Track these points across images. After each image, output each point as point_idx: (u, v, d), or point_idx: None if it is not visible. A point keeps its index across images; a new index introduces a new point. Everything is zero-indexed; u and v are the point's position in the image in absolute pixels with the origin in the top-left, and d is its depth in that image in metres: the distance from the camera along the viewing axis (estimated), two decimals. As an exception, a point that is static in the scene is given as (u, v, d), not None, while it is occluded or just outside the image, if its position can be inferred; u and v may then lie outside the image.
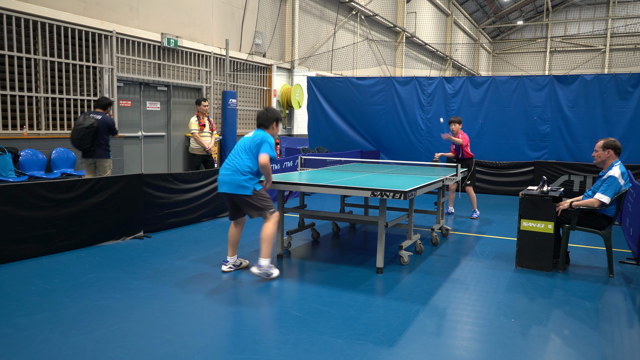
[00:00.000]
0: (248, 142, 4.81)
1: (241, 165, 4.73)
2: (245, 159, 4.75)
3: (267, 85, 14.74)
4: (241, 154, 4.79)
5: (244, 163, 4.74)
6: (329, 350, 3.29)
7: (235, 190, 4.73)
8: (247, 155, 4.77)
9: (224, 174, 4.80)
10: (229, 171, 4.77)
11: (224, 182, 4.81)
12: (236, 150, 4.87)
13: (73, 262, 5.16)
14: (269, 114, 4.90)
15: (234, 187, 4.73)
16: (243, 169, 4.72)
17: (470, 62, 34.70)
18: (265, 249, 4.74)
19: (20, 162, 7.86)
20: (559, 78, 10.65)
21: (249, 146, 4.78)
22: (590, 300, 4.38)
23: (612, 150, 5.13)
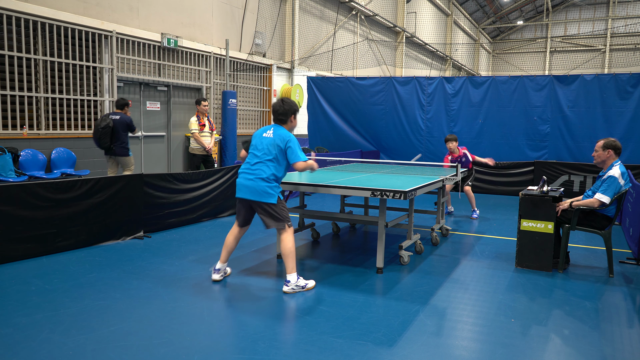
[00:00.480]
0: (269, 145, 4.41)
1: (266, 173, 4.38)
2: (270, 166, 4.39)
3: (267, 85, 14.74)
4: (265, 160, 4.40)
5: (269, 171, 4.38)
6: (329, 350, 3.29)
7: (260, 198, 4.38)
8: (272, 162, 4.40)
9: (247, 179, 4.42)
10: (252, 176, 4.40)
11: (246, 187, 4.43)
12: (258, 155, 4.46)
13: (73, 262, 5.16)
14: (285, 107, 4.49)
15: (257, 193, 4.38)
16: (268, 176, 4.38)
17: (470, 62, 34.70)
18: (290, 264, 4.42)
19: (20, 162, 7.86)
20: (559, 78, 10.65)
21: (271, 150, 4.40)
22: (590, 300, 4.38)
23: (612, 150, 5.13)
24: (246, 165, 4.51)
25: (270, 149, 4.41)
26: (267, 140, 4.45)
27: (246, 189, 4.43)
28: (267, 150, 4.41)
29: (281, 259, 5.47)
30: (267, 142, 4.44)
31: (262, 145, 4.46)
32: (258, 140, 4.52)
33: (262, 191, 4.37)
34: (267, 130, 4.51)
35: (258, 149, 4.48)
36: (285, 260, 4.45)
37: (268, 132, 4.49)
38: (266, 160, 4.40)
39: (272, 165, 4.40)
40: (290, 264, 4.42)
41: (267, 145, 4.43)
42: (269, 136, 4.46)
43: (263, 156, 4.42)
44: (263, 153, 4.43)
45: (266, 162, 4.40)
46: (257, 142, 4.52)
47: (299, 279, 4.45)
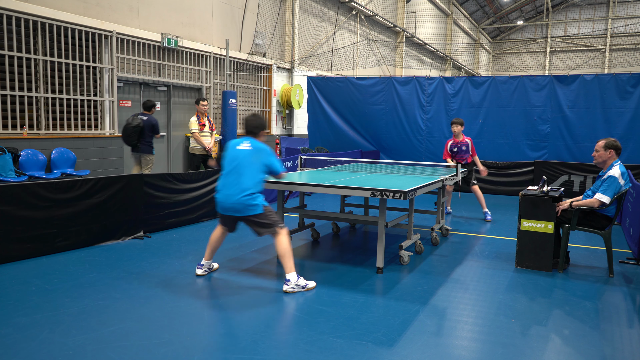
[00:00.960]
0: (249, 157, 4.43)
1: (249, 185, 4.37)
2: (251, 178, 4.39)
3: (267, 85, 14.75)
4: (246, 172, 4.39)
5: (251, 183, 4.39)
6: (329, 350, 3.29)
7: (245, 212, 4.41)
8: (251, 172, 4.41)
9: (229, 196, 4.39)
10: (235, 193, 4.37)
11: (230, 207, 4.42)
12: (235, 167, 4.43)
13: (73, 262, 5.16)
14: (258, 121, 4.60)
15: (242, 209, 4.39)
16: (249, 187, 4.37)
17: (470, 62, 34.71)
18: (288, 264, 4.42)
19: (20, 162, 7.86)
20: (559, 78, 10.66)
21: (252, 163, 4.41)
22: (590, 300, 4.38)
23: (613, 150, 5.13)
24: (225, 181, 4.47)
25: (250, 159, 4.43)
26: (245, 152, 4.46)
27: (230, 209, 4.44)
28: (247, 161, 4.42)
29: (281, 259, 5.46)
30: (245, 153, 4.45)
31: (240, 158, 4.44)
32: (235, 153, 4.48)
33: (246, 205, 4.38)
34: (241, 143, 4.52)
35: (235, 162, 4.45)
36: (282, 261, 4.45)
37: (244, 144, 4.50)
38: (247, 173, 4.40)
39: (252, 176, 4.40)
40: (288, 263, 4.42)
41: (246, 156, 4.43)
42: (246, 148, 4.48)
43: (242, 168, 4.41)
44: (242, 165, 4.41)
45: (246, 173, 4.40)
46: (234, 155, 4.48)
47: (299, 278, 4.45)
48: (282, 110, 15.43)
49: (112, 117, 9.60)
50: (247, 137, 4.59)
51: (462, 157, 7.97)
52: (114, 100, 9.57)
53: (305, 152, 12.32)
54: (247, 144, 4.50)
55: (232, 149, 4.53)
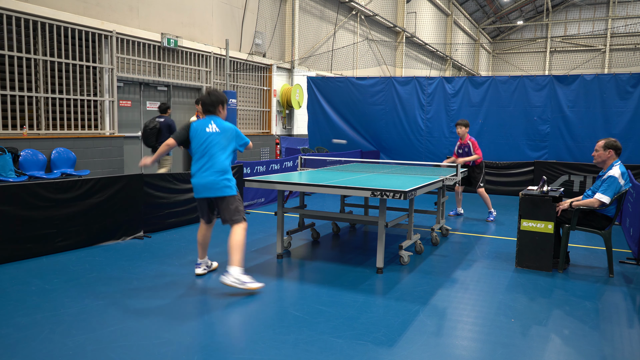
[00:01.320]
0: (220, 138, 4.49)
1: (222, 165, 4.47)
2: (224, 158, 4.49)
3: (267, 85, 14.74)
4: (217, 152, 4.47)
5: (224, 162, 4.49)
6: (329, 350, 3.29)
7: (222, 192, 4.47)
8: (224, 153, 4.50)
9: (205, 177, 4.46)
10: (211, 173, 4.45)
11: (206, 186, 4.47)
12: (208, 149, 4.48)
13: (73, 262, 5.16)
14: (212, 98, 4.58)
15: (219, 189, 4.46)
16: (225, 168, 4.48)
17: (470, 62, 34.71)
18: (236, 257, 4.38)
19: (20, 162, 7.86)
20: (559, 78, 10.66)
21: (223, 143, 4.50)
22: (590, 300, 4.38)
23: (613, 150, 5.13)
24: (198, 165, 4.51)
25: (220, 140, 4.48)
26: (216, 134, 4.49)
27: (207, 188, 4.47)
28: (220, 144, 4.48)
29: (281, 259, 5.47)
30: (214, 135, 4.49)
31: (212, 140, 4.48)
32: (202, 136, 4.50)
33: (222, 186, 4.46)
34: (207, 125, 4.52)
35: (206, 144, 4.48)
36: (231, 252, 4.40)
37: (211, 126, 4.52)
38: (218, 152, 4.47)
39: (225, 156, 4.49)
40: (236, 256, 4.38)
41: (216, 137, 4.48)
42: (213, 129, 4.50)
43: (214, 149, 4.47)
44: (216, 147, 4.47)
45: (223, 155, 4.48)
46: (204, 139, 4.50)
47: (242, 275, 4.35)
48: (282, 110, 15.43)
49: (112, 117, 9.60)
50: (210, 117, 4.58)
51: (466, 156, 7.92)
52: (114, 100, 9.57)
53: (305, 152, 12.32)
54: (213, 126, 4.52)
55: (200, 132, 4.52)
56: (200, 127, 4.53)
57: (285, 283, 4.72)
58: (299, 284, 4.71)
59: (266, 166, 8.94)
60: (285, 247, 5.76)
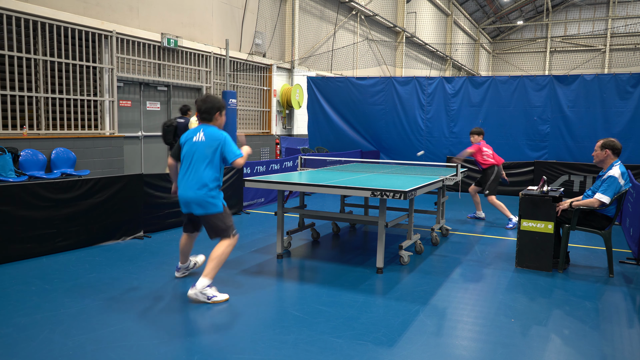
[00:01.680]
0: (203, 148, 4.12)
1: (206, 178, 4.09)
2: (208, 171, 4.11)
3: (267, 85, 14.74)
4: (200, 164, 4.11)
5: (208, 175, 4.11)
6: (329, 350, 3.29)
7: (205, 210, 4.13)
8: (208, 165, 4.11)
9: (188, 191, 4.13)
10: (194, 186, 4.10)
11: (189, 201, 4.14)
12: (192, 160, 4.15)
13: (73, 262, 5.16)
14: (208, 104, 4.18)
15: (202, 206, 4.11)
16: (204, 181, 4.09)
17: (470, 62, 34.71)
18: (210, 268, 4.07)
19: (20, 162, 7.86)
20: (559, 78, 10.66)
21: (206, 153, 4.11)
22: (590, 300, 4.38)
23: (609, 150, 5.13)
24: (180, 176, 4.24)
25: (205, 152, 4.11)
26: (200, 144, 4.14)
27: (191, 204, 4.15)
28: (202, 154, 4.12)
29: (281, 259, 5.47)
30: (200, 145, 4.13)
31: (196, 150, 4.14)
32: (189, 146, 4.18)
33: (206, 203, 4.11)
34: (196, 134, 4.18)
35: (191, 155, 4.16)
36: (208, 263, 4.11)
37: (198, 135, 4.16)
38: (203, 166, 4.11)
39: (210, 169, 4.11)
40: (210, 268, 4.08)
41: (201, 148, 4.13)
42: (200, 139, 4.14)
43: (198, 162, 4.13)
44: (197, 158, 4.13)
45: (204, 167, 4.11)
46: (189, 149, 4.18)
47: (211, 288, 4.08)
48: (282, 110, 15.43)
49: (112, 117, 9.60)
50: (201, 126, 4.22)
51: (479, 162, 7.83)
52: (114, 100, 9.57)
53: (305, 152, 12.32)
54: (200, 135, 4.15)
55: (187, 142, 4.20)
56: (189, 136, 4.23)
57: (285, 283, 4.72)
58: (299, 284, 4.71)
59: (266, 166, 8.94)
60: (285, 247, 5.76)
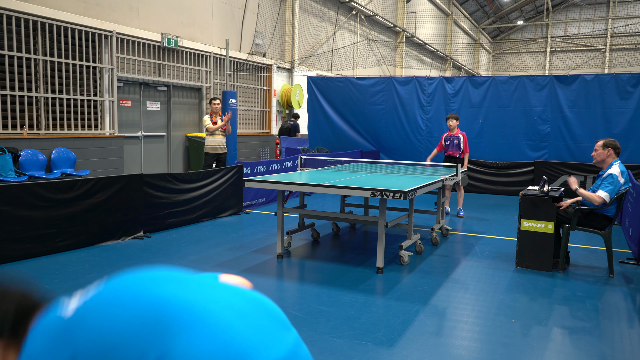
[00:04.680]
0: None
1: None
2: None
3: (267, 85, 14.74)
4: None
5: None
6: (329, 350, 3.29)
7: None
8: None
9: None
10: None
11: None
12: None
13: (73, 262, 5.16)
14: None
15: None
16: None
17: (470, 62, 34.70)
18: None
19: (20, 162, 7.86)
20: (559, 78, 10.65)
21: None
22: (590, 300, 4.38)
23: (611, 149, 5.13)
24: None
25: None
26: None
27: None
28: None
29: (281, 259, 5.47)
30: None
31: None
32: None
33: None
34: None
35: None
36: None
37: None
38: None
39: None
40: None
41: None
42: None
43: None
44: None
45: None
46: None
47: None
48: (282, 110, 15.43)
49: (112, 117, 9.59)
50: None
51: (452, 150, 8.21)
52: (114, 100, 9.57)
53: (305, 152, 12.32)
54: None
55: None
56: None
57: (285, 283, 4.72)
58: (299, 284, 4.71)
59: (266, 166, 8.94)
60: (285, 247, 5.76)
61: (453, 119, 8.28)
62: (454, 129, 8.25)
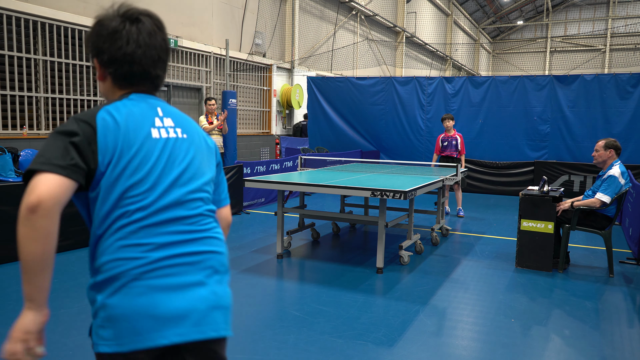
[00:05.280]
0: (195, 155, 1.59)
1: (218, 236, 1.62)
2: (213, 217, 1.63)
3: (267, 85, 14.74)
4: (199, 202, 1.56)
5: (217, 229, 1.64)
6: (329, 350, 3.29)
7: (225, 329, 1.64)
8: (209, 204, 1.62)
9: (192, 289, 1.46)
10: (203, 272, 1.50)
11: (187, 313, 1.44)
12: (176, 193, 1.50)
13: (73, 262, 5.16)
14: (158, 47, 1.60)
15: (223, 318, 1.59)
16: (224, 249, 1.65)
17: (470, 62, 34.71)
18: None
19: (20, 162, 7.86)
20: (559, 78, 10.65)
21: (205, 173, 1.61)
22: (590, 300, 4.38)
23: (613, 150, 5.13)
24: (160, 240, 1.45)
25: (201, 167, 1.60)
26: (181, 145, 1.57)
27: (189, 316, 1.45)
28: (197, 171, 1.58)
29: (281, 259, 5.46)
30: (184, 150, 1.57)
31: (176, 163, 1.53)
32: (148, 153, 1.48)
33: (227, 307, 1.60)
34: (153, 119, 1.54)
35: (167, 175, 1.50)
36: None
37: (166, 123, 1.56)
38: (202, 203, 1.57)
39: (213, 213, 1.63)
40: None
41: (191, 157, 1.58)
42: (180, 135, 1.58)
43: (192, 194, 1.54)
44: (187, 184, 1.54)
45: (203, 206, 1.58)
46: (149, 158, 1.48)
47: None
48: (282, 110, 15.43)
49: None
50: (149, 97, 1.61)
51: (450, 151, 8.19)
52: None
53: (305, 152, 12.32)
54: (170, 121, 1.58)
55: (142, 143, 1.48)
56: (136, 125, 1.50)
57: (285, 283, 4.72)
58: (299, 284, 4.71)
59: (266, 166, 8.94)
60: (285, 247, 5.76)
61: (449, 119, 8.23)
62: (451, 129, 8.21)
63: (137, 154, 1.45)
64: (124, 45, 1.49)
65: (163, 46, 1.59)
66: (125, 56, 1.50)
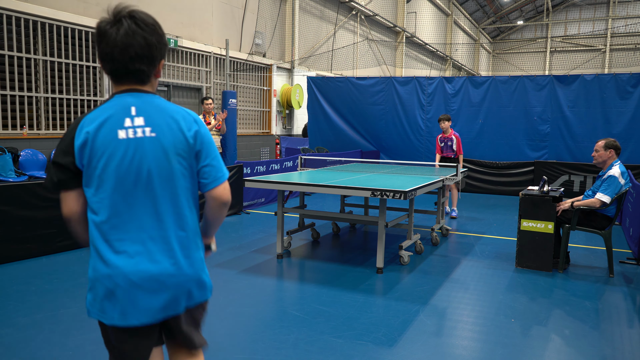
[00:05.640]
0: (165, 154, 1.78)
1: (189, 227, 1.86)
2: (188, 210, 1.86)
3: (267, 85, 14.74)
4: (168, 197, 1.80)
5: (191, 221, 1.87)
6: (329, 350, 3.29)
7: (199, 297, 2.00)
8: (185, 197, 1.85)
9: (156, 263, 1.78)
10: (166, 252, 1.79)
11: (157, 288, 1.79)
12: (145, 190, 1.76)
13: (73, 262, 5.16)
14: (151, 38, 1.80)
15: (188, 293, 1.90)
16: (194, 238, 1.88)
17: (470, 62, 34.71)
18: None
19: (20, 162, 7.86)
20: (559, 78, 10.65)
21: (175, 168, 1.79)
22: (590, 300, 4.38)
23: (613, 150, 5.13)
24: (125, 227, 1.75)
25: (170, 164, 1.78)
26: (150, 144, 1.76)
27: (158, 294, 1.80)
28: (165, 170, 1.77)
29: (281, 259, 5.46)
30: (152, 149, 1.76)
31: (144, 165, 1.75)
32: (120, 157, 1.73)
33: (200, 281, 1.92)
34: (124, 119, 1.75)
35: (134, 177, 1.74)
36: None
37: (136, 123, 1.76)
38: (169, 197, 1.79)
39: (188, 205, 1.85)
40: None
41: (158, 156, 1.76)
42: (148, 134, 1.76)
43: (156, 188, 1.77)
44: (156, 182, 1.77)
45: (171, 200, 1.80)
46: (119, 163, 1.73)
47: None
48: (282, 110, 15.43)
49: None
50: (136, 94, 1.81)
51: (447, 152, 8.19)
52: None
53: (305, 152, 12.32)
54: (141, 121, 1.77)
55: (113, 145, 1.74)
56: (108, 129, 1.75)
57: (285, 283, 4.72)
58: (299, 284, 4.71)
59: (266, 166, 8.94)
60: (285, 247, 5.76)
61: (445, 120, 8.15)
62: (447, 130, 8.14)
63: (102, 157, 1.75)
64: (105, 46, 1.75)
65: (142, 43, 1.76)
66: (107, 55, 1.76)
